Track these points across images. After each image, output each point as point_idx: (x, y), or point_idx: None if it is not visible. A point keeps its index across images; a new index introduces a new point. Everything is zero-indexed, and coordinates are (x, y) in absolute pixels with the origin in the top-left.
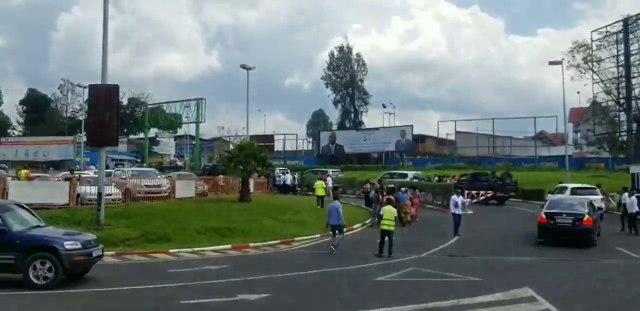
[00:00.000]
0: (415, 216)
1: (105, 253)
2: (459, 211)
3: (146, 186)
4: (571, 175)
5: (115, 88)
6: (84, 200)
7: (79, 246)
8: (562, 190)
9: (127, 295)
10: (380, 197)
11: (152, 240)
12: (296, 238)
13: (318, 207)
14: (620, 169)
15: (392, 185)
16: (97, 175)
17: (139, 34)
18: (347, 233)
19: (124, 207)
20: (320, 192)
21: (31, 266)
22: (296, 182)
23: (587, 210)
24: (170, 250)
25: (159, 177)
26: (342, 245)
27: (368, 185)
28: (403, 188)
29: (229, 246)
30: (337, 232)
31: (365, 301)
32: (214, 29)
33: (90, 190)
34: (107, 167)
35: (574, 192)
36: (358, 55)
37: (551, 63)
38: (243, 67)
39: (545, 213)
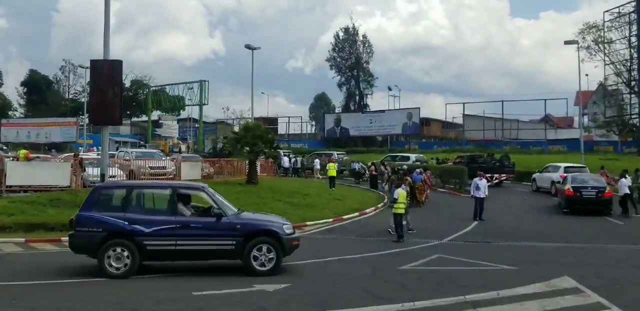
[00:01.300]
0: (427, 196)
1: None
2: (480, 194)
3: (151, 168)
4: (587, 159)
5: (118, 64)
6: (87, 182)
7: (293, 230)
8: (553, 168)
9: (133, 285)
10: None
11: None
12: (308, 222)
13: (332, 189)
14: (629, 152)
15: (405, 166)
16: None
17: (142, 16)
18: (360, 217)
19: None
20: (332, 172)
21: (252, 252)
22: (299, 165)
23: (606, 184)
24: None
25: (163, 158)
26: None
27: (373, 168)
28: (418, 170)
29: None
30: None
31: (394, 292)
32: (217, 11)
33: (93, 172)
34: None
35: (567, 170)
36: (364, 36)
37: (567, 42)
38: (248, 47)
39: (573, 187)
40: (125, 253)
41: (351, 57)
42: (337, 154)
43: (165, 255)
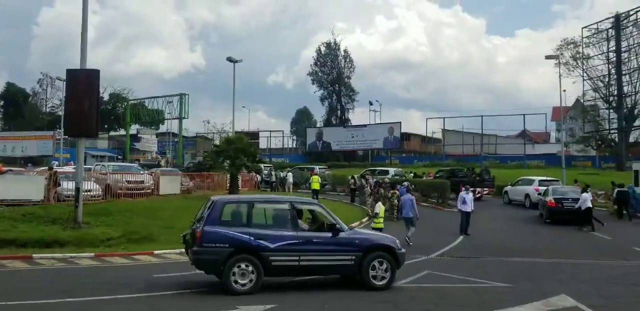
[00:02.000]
0: None
1: (83, 254)
2: (467, 208)
3: (128, 182)
4: (565, 173)
5: (95, 74)
6: (61, 197)
7: (400, 245)
8: (526, 182)
9: (107, 307)
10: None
11: (135, 240)
12: None
13: None
14: (607, 167)
15: (387, 179)
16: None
17: (123, 30)
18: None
19: (104, 204)
20: (315, 186)
21: (370, 267)
22: (273, 179)
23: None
24: (156, 251)
25: (141, 172)
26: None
27: (352, 181)
28: (405, 183)
29: None
30: (410, 224)
31: None
32: (198, 25)
33: (68, 186)
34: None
35: (541, 183)
36: (345, 51)
37: (547, 57)
38: (229, 60)
39: (554, 198)
40: (250, 269)
41: (333, 72)
42: (319, 168)
43: (289, 270)
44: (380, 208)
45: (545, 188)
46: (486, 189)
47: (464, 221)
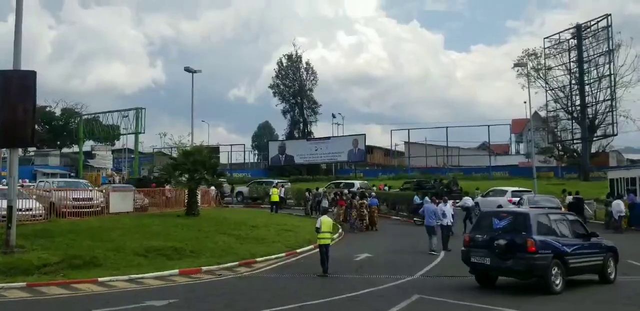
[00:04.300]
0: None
1: (13, 284)
2: (447, 222)
3: (74, 199)
4: (531, 184)
5: (31, 76)
6: None
7: None
8: (497, 193)
9: None
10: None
11: (76, 265)
12: (257, 259)
13: (273, 213)
14: (570, 178)
15: (346, 191)
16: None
17: (80, 45)
18: (315, 250)
19: (46, 224)
20: (275, 198)
21: (607, 266)
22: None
23: (560, 205)
24: (100, 279)
25: (90, 188)
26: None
27: (307, 194)
28: (373, 194)
29: (175, 271)
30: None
31: None
32: (157, 41)
33: (3, 205)
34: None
35: (514, 194)
36: (307, 63)
37: (516, 65)
38: (187, 70)
39: (531, 207)
40: (559, 271)
41: (294, 84)
42: (278, 182)
43: (575, 271)
44: (322, 222)
45: (518, 198)
46: (457, 201)
47: (444, 235)
